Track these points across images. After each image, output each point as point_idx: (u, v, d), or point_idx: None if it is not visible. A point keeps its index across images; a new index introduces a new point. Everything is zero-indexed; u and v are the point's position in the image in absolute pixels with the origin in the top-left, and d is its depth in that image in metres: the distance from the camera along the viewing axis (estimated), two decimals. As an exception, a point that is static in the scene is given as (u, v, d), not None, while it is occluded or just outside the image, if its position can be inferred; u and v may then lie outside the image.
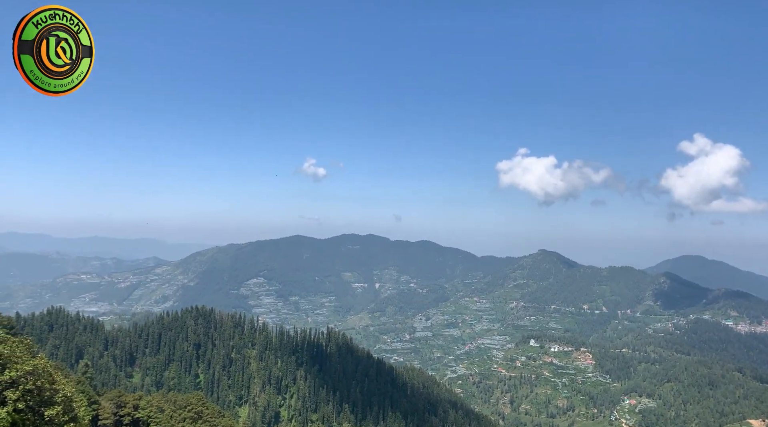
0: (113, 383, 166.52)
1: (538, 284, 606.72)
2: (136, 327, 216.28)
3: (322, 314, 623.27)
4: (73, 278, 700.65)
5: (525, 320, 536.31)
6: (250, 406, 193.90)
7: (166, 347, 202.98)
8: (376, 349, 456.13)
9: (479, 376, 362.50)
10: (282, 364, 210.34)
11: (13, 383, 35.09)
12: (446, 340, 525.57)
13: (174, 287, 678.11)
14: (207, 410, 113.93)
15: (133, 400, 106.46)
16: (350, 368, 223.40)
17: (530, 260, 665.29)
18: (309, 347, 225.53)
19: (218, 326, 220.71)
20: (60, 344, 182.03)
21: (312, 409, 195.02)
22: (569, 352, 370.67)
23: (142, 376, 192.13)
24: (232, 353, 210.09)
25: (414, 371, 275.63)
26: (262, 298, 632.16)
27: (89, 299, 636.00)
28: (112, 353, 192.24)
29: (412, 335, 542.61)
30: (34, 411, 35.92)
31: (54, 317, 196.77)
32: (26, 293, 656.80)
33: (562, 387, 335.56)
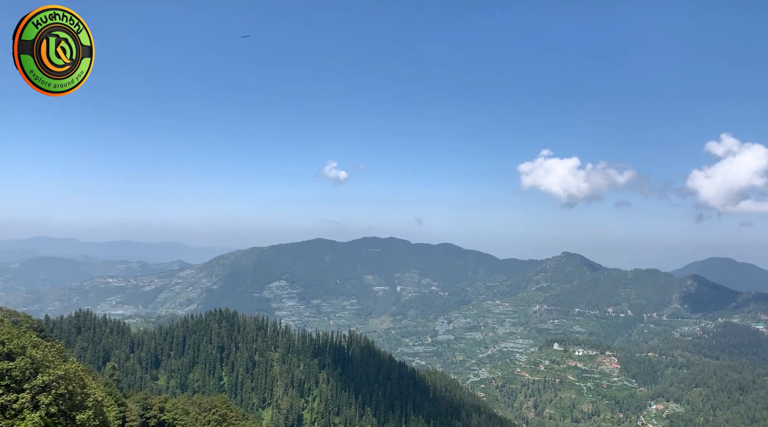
0: (139, 385, 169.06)
1: (561, 287, 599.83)
2: (161, 330, 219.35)
3: (344, 316, 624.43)
4: (99, 282, 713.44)
5: (548, 324, 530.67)
6: (273, 409, 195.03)
7: (191, 349, 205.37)
8: (398, 352, 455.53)
9: (502, 380, 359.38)
10: (304, 367, 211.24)
11: (46, 388, 35.85)
12: (468, 343, 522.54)
13: (198, 290, 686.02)
14: (231, 413, 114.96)
15: (159, 402, 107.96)
16: (372, 371, 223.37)
17: (553, 263, 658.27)
18: (331, 349, 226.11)
19: (241, 328, 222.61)
20: (87, 347, 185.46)
21: (334, 412, 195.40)
22: (594, 356, 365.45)
23: (167, 378, 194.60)
24: (255, 355, 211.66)
25: (436, 375, 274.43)
26: (284, 301, 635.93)
27: (115, 302, 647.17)
28: (138, 356, 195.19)
29: (433, 338, 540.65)
30: (66, 415, 36.65)
31: (82, 319, 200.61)
32: (55, 296, 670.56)
33: (587, 391, 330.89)
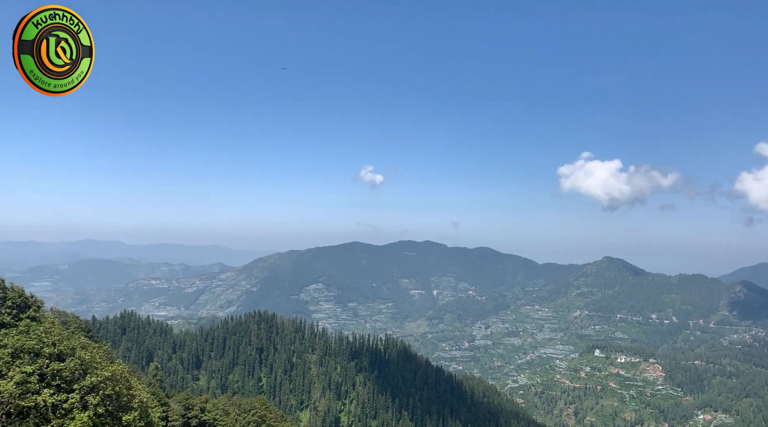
0: (181, 385, 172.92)
1: (603, 292, 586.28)
2: (202, 331, 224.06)
3: (380, 320, 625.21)
4: (143, 283, 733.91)
5: (589, 330, 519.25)
6: (311, 411, 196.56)
7: (231, 350, 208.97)
8: (435, 356, 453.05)
9: (541, 386, 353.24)
10: (341, 369, 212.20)
11: (94, 388, 36.89)
12: (506, 349, 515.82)
13: (238, 292, 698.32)
14: (270, 414, 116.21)
15: (200, 403, 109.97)
16: (409, 375, 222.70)
17: (594, 268, 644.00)
18: (368, 353, 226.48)
19: (280, 330, 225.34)
20: (132, 347, 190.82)
21: (371, 415, 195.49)
22: (637, 363, 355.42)
23: (208, 379, 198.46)
24: (293, 357, 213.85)
25: (474, 380, 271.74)
26: (321, 303, 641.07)
27: (158, 304, 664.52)
28: (180, 356, 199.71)
29: (471, 343, 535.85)
30: (113, 416, 37.64)
31: (126, 320, 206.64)
32: (101, 298, 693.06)
33: (630, 399, 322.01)
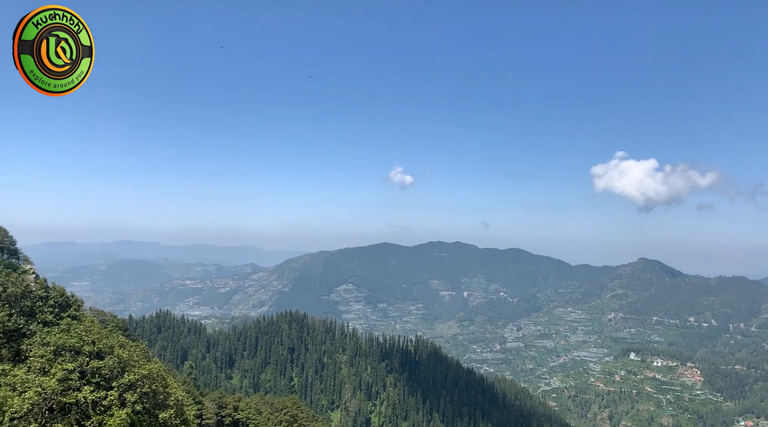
0: (214, 384, 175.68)
1: (638, 294, 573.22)
2: (235, 331, 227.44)
3: (410, 321, 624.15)
4: (178, 283, 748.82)
5: (624, 332, 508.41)
6: (342, 411, 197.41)
7: (263, 350, 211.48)
8: (466, 358, 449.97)
9: (575, 389, 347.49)
10: (372, 370, 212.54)
11: (132, 386, 37.73)
12: (539, 351, 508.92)
13: (269, 292, 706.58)
14: (302, 414, 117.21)
15: (233, 401, 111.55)
16: (440, 377, 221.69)
17: (629, 269, 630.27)
18: (398, 354, 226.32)
19: (311, 330, 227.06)
20: (167, 346, 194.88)
21: (402, 416, 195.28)
22: (674, 367, 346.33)
23: (241, 378, 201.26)
24: (324, 357, 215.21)
25: (505, 382, 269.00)
26: (351, 304, 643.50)
27: (193, 303, 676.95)
28: (214, 355, 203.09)
29: (502, 345, 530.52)
30: (150, 413, 38.44)
31: (162, 319, 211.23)
32: (138, 297, 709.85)
33: (667, 404, 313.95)
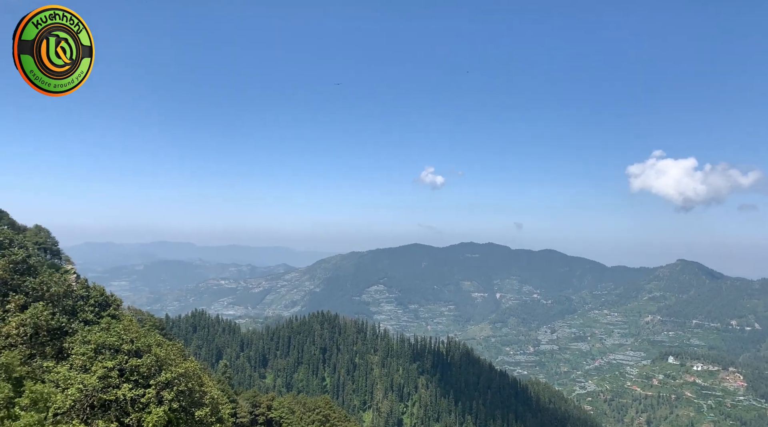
0: (248, 382, 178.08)
1: (677, 296, 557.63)
2: (268, 330, 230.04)
3: (442, 322, 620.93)
4: (213, 283, 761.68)
5: (662, 336, 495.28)
6: (374, 412, 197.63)
7: (295, 350, 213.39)
8: (498, 360, 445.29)
9: (611, 393, 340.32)
10: (403, 371, 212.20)
11: (169, 384, 38.42)
12: (573, 354, 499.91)
13: (302, 292, 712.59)
14: (334, 414, 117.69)
15: (267, 400, 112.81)
16: (472, 379, 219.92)
17: (667, 271, 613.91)
18: (430, 355, 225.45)
19: (342, 331, 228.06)
20: (202, 345, 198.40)
21: (434, 418, 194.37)
22: (715, 371, 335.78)
23: (274, 377, 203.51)
24: (355, 358, 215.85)
25: (539, 385, 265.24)
26: (382, 305, 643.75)
27: (227, 303, 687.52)
28: (247, 355, 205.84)
29: (536, 347, 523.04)
30: (186, 411, 39.07)
31: (197, 319, 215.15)
32: (174, 297, 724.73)
33: (708, 410, 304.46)
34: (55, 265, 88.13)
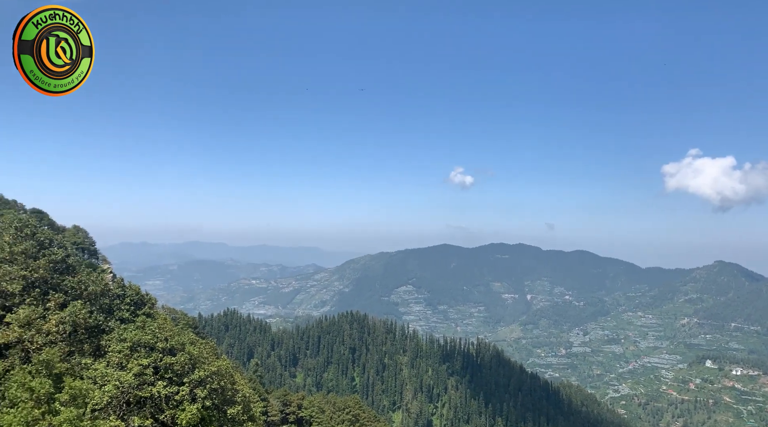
0: (279, 381, 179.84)
1: (714, 298, 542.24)
2: (298, 330, 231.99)
3: (471, 323, 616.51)
4: (244, 283, 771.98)
5: (699, 339, 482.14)
6: (403, 412, 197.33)
7: (325, 349, 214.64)
8: (529, 363, 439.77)
9: (646, 397, 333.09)
10: (433, 372, 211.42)
11: (202, 382, 39.02)
12: (607, 357, 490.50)
13: (331, 292, 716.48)
14: (363, 414, 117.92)
15: (297, 399, 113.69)
16: (502, 381, 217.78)
17: (704, 272, 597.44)
18: (459, 356, 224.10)
19: (371, 331, 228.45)
20: (234, 343, 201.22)
21: (464, 420, 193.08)
22: (756, 376, 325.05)
23: (304, 376, 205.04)
24: (384, 358, 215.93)
25: (571, 388, 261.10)
26: (411, 305, 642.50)
27: (258, 302, 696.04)
28: (278, 354, 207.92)
29: (568, 350, 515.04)
30: (219, 409, 39.63)
31: (229, 318, 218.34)
32: (206, 296, 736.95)
33: (748, 416, 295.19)
34: (92, 264, 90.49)
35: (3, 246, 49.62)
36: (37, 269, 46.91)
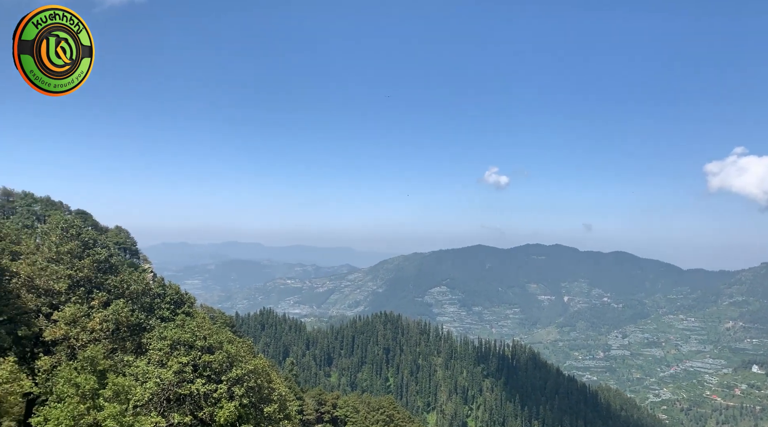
0: (313, 380, 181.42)
1: (761, 301, 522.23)
2: (333, 329, 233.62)
3: (506, 325, 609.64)
4: (280, 283, 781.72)
5: (745, 343, 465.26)
6: (438, 414, 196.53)
7: (359, 349, 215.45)
8: (566, 365, 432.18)
9: (688, 402, 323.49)
10: (468, 374, 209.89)
11: (239, 380, 39.64)
12: (646, 360, 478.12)
13: (364, 292, 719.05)
14: (398, 415, 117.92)
15: (332, 399, 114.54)
16: (538, 383, 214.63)
17: (750, 274, 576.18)
18: (494, 358, 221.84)
19: (405, 332, 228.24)
20: (270, 342, 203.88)
21: (499, 422, 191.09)
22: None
23: (339, 376, 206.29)
24: (418, 359, 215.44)
25: (610, 392, 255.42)
26: (445, 306, 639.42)
27: (293, 302, 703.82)
28: (313, 353, 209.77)
29: (606, 352, 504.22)
30: (255, 407, 40.17)
31: (265, 317, 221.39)
32: (243, 295, 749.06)
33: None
34: (133, 264, 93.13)
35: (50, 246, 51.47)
36: (82, 269, 48.46)
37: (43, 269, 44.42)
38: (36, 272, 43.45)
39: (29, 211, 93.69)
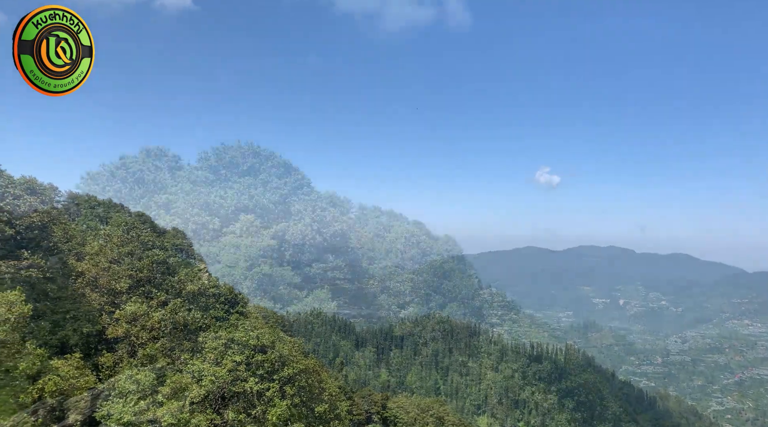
0: (363, 381, 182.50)
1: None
2: (382, 330, 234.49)
3: (559, 329, 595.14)
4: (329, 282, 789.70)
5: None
6: (489, 417, 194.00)
7: (408, 350, 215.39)
8: (622, 370, 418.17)
9: (755, 412, 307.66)
10: (519, 377, 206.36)
11: (290, 380, 40.30)
12: (708, 366, 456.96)
13: (413, 294, 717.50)
14: (448, 417, 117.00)
15: (381, 399, 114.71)
16: (593, 389, 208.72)
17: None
18: (547, 362, 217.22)
19: (454, 333, 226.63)
20: (320, 342, 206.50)
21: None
22: None
23: (388, 376, 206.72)
24: (468, 361, 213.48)
25: (669, 399, 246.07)
26: (495, 309, 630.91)
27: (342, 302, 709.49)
28: (362, 353, 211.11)
29: (665, 358, 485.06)
30: (307, 406, 40.73)
31: (315, 317, 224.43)
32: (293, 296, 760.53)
33: None
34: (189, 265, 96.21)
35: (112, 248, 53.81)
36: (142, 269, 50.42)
37: (106, 269, 46.47)
38: (99, 272, 45.48)
39: (93, 213, 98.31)
